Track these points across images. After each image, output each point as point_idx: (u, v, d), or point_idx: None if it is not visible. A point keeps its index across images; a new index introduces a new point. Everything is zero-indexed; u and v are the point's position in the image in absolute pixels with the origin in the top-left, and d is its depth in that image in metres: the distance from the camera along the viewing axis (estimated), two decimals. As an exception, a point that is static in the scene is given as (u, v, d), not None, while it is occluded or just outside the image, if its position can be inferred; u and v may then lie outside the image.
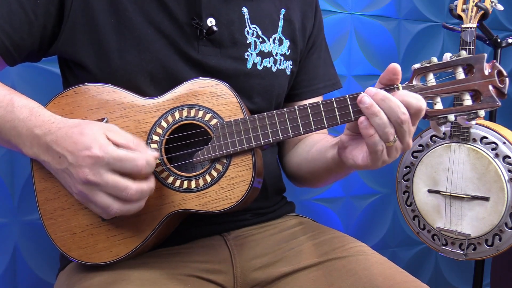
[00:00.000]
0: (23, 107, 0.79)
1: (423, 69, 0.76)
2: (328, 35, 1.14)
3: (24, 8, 0.84)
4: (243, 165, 0.82)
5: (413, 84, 0.77)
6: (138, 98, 0.84)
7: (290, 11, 1.02)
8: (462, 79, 0.75)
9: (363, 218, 1.92)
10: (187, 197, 0.82)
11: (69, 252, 0.83)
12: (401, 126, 0.73)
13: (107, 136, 0.74)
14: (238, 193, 0.81)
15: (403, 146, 0.77)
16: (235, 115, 0.82)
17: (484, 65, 0.74)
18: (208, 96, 0.83)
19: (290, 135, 0.81)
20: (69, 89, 0.84)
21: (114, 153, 0.72)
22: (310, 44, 1.07)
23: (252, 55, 0.95)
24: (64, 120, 0.78)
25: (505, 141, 1.43)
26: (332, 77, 1.12)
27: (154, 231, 0.83)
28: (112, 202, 0.74)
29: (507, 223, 1.41)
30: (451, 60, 0.75)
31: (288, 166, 1.10)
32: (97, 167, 0.72)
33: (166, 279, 0.83)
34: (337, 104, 0.78)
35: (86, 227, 0.82)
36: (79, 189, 0.75)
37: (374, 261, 0.89)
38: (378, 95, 0.74)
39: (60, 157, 0.75)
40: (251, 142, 0.81)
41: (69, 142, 0.74)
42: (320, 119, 0.79)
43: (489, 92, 0.73)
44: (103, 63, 0.86)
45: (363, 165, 0.79)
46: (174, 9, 0.89)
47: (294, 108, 0.80)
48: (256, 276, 0.92)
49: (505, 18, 2.10)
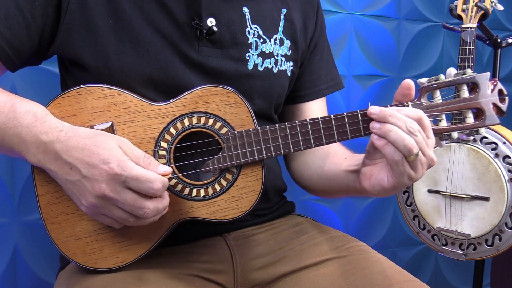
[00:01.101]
0: (27, 113, 0.77)
1: (431, 86, 0.80)
2: (328, 35, 1.14)
3: (22, 11, 0.82)
4: (252, 175, 0.82)
5: (421, 102, 0.80)
6: (145, 103, 0.82)
7: (291, 11, 1.01)
8: (467, 97, 0.79)
9: (363, 218, 1.92)
10: (195, 205, 0.82)
11: (74, 258, 0.81)
12: (415, 136, 0.75)
13: (123, 149, 0.74)
14: (247, 203, 0.82)
15: (428, 160, 0.77)
16: (246, 125, 0.82)
17: (487, 84, 0.78)
18: (219, 104, 0.82)
19: (301, 148, 0.82)
20: (71, 90, 0.81)
21: (133, 172, 0.72)
22: (312, 45, 1.07)
23: (253, 56, 0.94)
24: (73, 128, 0.76)
25: (505, 141, 1.43)
26: (335, 77, 1.12)
27: (161, 238, 0.82)
28: (128, 216, 0.75)
29: (507, 223, 1.41)
30: (457, 79, 0.79)
31: (297, 175, 1.09)
32: (114, 183, 0.72)
33: (167, 278, 0.83)
34: (348, 119, 0.81)
35: (91, 232, 0.81)
36: (92, 202, 0.74)
37: (374, 260, 0.89)
38: (385, 113, 0.76)
39: (71, 168, 0.74)
40: (262, 154, 0.81)
41: (83, 154, 0.73)
42: (331, 133, 0.81)
43: (490, 111, 0.79)
44: (101, 65, 0.84)
45: (390, 187, 0.79)
46: (173, 9, 0.87)
47: (305, 122, 0.81)
48: (256, 276, 0.92)
49: (505, 18, 2.10)
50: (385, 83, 1.89)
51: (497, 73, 1.58)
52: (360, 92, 1.84)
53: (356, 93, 1.83)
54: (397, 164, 0.76)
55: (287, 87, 1.02)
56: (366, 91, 1.85)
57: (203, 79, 0.88)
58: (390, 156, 0.76)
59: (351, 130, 0.81)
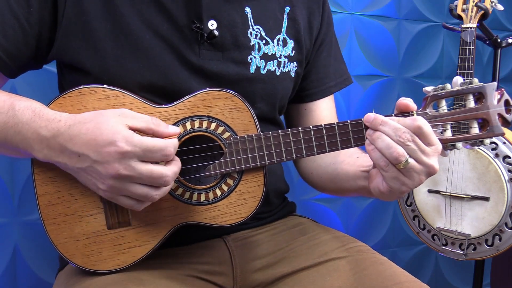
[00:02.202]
0: (25, 109, 0.76)
1: (437, 96, 0.79)
2: (328, 35, 1.14)
3: (18, 17, 0.80)
4: (254, 181, 0.82)
5: (427, 111, 0.79)
6: (148, 105, 0.81)
7: (295, 9, 0.98)
8: (472, 107, 0.78)
9: (363, 218, 1.92)
10: (196, 209, 0.82)
11: (73, 259, 0.81)
12: (406, 145, 0.74)
13: (127, 124, 0.73)
14: (247, 208, 0.82)
15: (424, 168, 0.76)
16: (249, 130, 0.82)
17: (494, 94, 0.77)
18: (222, 108, 0.81)
19: (304, 155, 0.82)
20: (73, 90, 0.79)
21: (143, 145, 0.71)
22: (318, 43, 1.04)
23: (256, 59, 0.92)
24: (72, 116, 0.75)
25: (505, 141, 1.43)
26: (343, 73, 1.10)
27: (161, 241, 0.82)
28: (149, 190, 0.74)
29: (507, 223, 1.41)
30: (464, 88, 0.78)
31: (305, 173, 1.08)
32: (126, 160, 0.71)
33: (166, 279, 0.83)
34: (352, 127, 0.80)
35: (90, 234, 0.81)
36: (110, 184, 0.73)
37: (374, 261, 0.89)
38: (377, 121, 0.77)
39: (79, 156, 0.73)
40: (264, 160, 0.81)
41: (87, 139, 0.72)
42: (335, 141, 0.81)
43: (496, 121, 0.77)
44: (100, 70, 0.83)
45: (385, 191, 0.79)
46: (173, 12, 0.85)
47: (309, 128, 0.81)
48: (256, 277, 0.92)
49: (505, 18, 2.10)
50: (385, 83, 1.89)
51: (497, 73, 1.58)
52: (360, 92, 1.84)
53: (356, 93, 1.83)
54: (383, 169, 0.77)
55: (291, 89, 1.00)
56: (366, 91, 1.85)
57: (204, 83, 0.87)
58: (375, 161, 0.77)
59: (354, 138, 0.81)
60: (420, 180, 0.78)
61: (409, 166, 0.75)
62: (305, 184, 1.11)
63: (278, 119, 1.01)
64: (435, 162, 0.77)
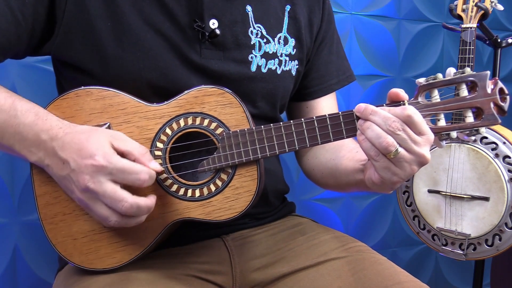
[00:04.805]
0: (28, 111, 0.77)
1: (429, 85, 0.78)
2: (328, 35, 1.13)
3: (11, 9, 0.80)
4: (248, 175, 0.82)
5: (418, 100, 0.78)
6: (142, 104, 0.82)
7: (295, 7, 0.98)
8: (466, 96, 0.77)
9: (363, 218, 1.92)
10: (191, 205, 0.82)
11: (71, 258, 0.82)
12: (396, 134, 0.73)
13: (113, 144, 0.74)
14: (242, 203, 0.82)
15: (415, 157, 0.75)
16: (241, 125, 0.82)
17: (487, 82, 0.75)
18: (214, 104, 0.82)
19: (296, 148, 0.81)
20: (70, 92, 0.82)
21: (118, 164, 0.72)
22: (319, 40, 1.04)
23: (256, 57, 0.92)
24: (72, 126, 0.77)
25: (505, 141, 1.43)
26: (346, 71, 1.10)
27: (156, 238, 0.82)
28: (110, 213, 0.74)
29: (507, 223, 1.41)
30: (456, 77, 0.77)
31: (307, 170, 1.08)
32: (98, 176, 0.72)
33: (165, 279, 0.83)
34: (344, 118, 0.80)
35: (87, 233, 0.82)
36: (79, 197, 0.74)
37: (373, 261, 0.89)
38: (367, 110, 0.76)
39: (63, 163, 0.74)
40: (257, 154, 0.81)
41: (75, 148, 0.73)
42: (327, 133, 0.81)
43: (491, 110, 0.76)
44: (101, 69, 0.84)
45: (378, 181, 0.78)
46: (175, 10, 0.86)
47: (300, 121, 0.81)
48: (255, 276, 0.92)
49: (505, 18, 2.10)
50: (385, 83, 1.89)
51: (497, 73, 1.58)
52: (360, 92, 1.84)
53: (356, 93, 1.83)
54: (374, 159, 0.76)
55: (291, 87, 1.00)
56: (366, 91, 1.85)
57: (205, 82, 0.86)
58: (366, 151, 0.77)
59: (346, 129, 0.80)
60: (412, 170, 0.76)
61: (399, 156, 0.74)
62: (305, 184, 1.12)
63: (278, 117, 1.01)
64: (427, 151, 0.75)
